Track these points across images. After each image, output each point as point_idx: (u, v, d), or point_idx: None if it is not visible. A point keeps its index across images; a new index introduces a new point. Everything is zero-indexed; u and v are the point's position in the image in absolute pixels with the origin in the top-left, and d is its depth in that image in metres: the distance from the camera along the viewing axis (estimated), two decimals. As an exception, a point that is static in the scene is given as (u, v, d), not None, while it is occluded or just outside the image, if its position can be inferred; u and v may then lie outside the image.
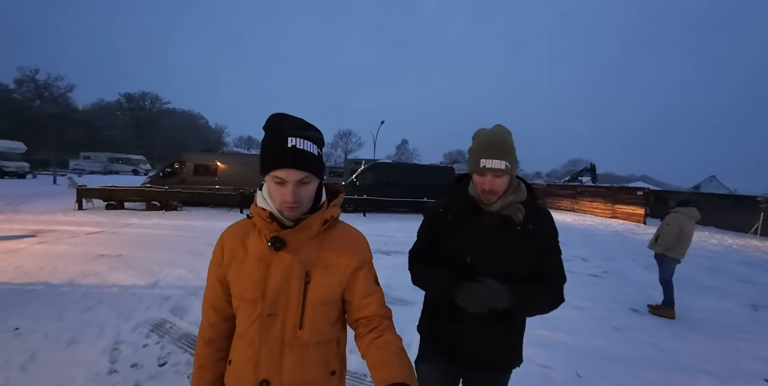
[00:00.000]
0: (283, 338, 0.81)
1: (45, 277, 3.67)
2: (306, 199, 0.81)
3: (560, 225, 5.15)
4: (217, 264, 0.87)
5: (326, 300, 0.84)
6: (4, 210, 8.48)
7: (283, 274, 0.81)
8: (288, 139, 0.76)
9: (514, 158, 1.08)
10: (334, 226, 0.90)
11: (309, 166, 0.77)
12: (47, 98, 41.92)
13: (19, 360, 2.15)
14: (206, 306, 0.90)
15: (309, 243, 0.84)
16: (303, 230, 0.82)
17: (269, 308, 0.80)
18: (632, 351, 2.92)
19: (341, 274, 0.86)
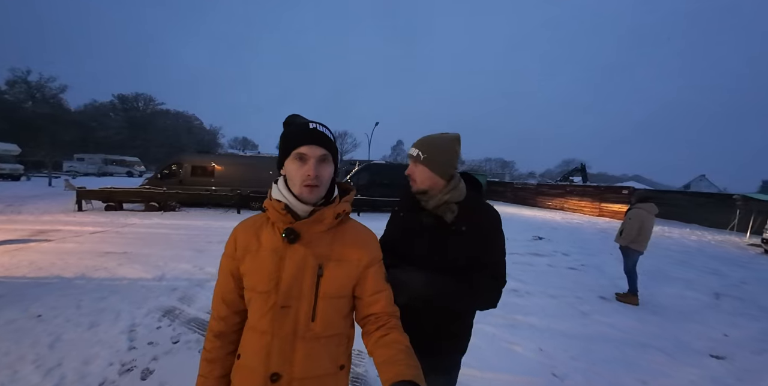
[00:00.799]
0: (295, 330, 0.82)
1: (58, 271, 3.95)
2: (325, 179, 0.84)
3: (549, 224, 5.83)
4: (230, 257, 0.89)
5: (338, 294, 0.86)
6: (4, 211, 8.65)
7: (296, 266, 0.83)
8: (309, 123, 0.86)
9: (438, 153, 1.11)
10: (345, 222, 0.93)
11: (328, 145, 0.84)
12: (39, 99, 41.57)
13: (47, 341, 2.44)
14: (217, 299, 0.91)
15: (322, 236, 0.87)
16: (316, 222, 0.85)
17: (282, 300, 0.82)
18: (592, 331, 3.28)
19: (353, 269, 0.88)
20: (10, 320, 2.72)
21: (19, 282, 3.56)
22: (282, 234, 0.84)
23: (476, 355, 2.63)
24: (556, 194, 19.11)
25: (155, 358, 2.30)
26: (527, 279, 4.92)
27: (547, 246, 7.69)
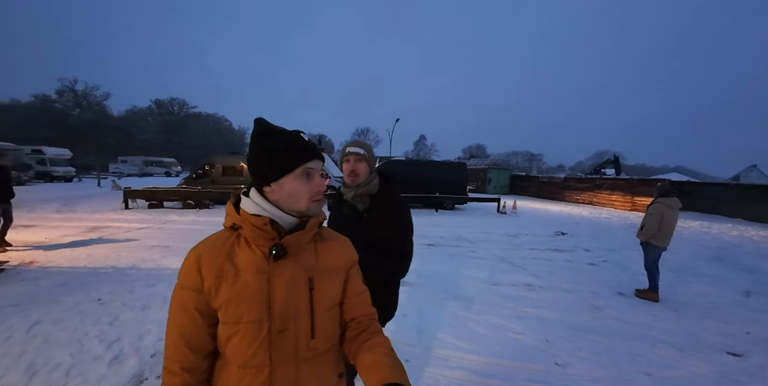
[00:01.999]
0: (297, 352, 0.77)
1: (112, 263, 4.50)
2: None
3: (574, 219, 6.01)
4: (193, 291, 0.74)
5: (332, 304, 0.84)
6: (61, 210, 9.68)
7: (287, 285, 0.76)
8: (301, 134, 0.81)
9: (371, 154, 1.41)
10: (323, 230, 0.92)
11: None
12: (85, 107, 45.12)
13: (107, 320, 2.88)
14: (176, 346, 0.74)
15: (307, 248, 0.83)
16: (307, 233, 0.81)
17: (279, 324, 0.75)
18: (602, 325, 3.34)
19: (341, 275, 0.87)
20: (75, 303, 3.20)
21: (79, 272, 4.12)
22: (271, 252, 0.76)
23: (480, 342, 2.81)
24: (584, 188, 18.43)
25: (196, 336, 2.66)
26: (543, 274, 4.97)
27: (569, 242, 7.59)
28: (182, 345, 0.74)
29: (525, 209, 14.26)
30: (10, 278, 3.79)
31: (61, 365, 2.21)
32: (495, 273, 4.84)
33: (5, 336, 2.52)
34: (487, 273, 4.85)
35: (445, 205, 12.87)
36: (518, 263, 5.54)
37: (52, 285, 3.62)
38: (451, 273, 4.73)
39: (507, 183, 24.62)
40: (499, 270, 5.06)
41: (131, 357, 2.34)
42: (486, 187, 24.12)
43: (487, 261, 5.57)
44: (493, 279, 4.59)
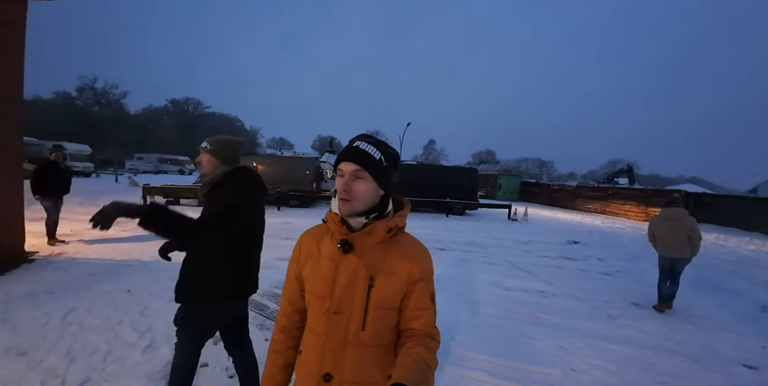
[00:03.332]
0: (346, 335, 0.87)
1: (137, 256, 4.68)
2: (359, 195, 0.87)
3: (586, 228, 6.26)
4: (295, 261, 0.99)
5: (387, 306, 0.88)
6: (84, 203, 10.00)
7: (349, 276, 0.88)
8: (356, 142, 0.91)
9: (219, 149, 1.60)
10: (399, 236, 0.95)
11: (363, 162, 0.86)
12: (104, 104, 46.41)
13: (137, 310, 3.02)
14: (283, 298, 1.03)
15: (375, 249, 0.90)
16: (368, 235, 0.89)
17: (335, 305, 0.87)
18: (616, 333, 3.35)
19: (402, 282, 0.89)
20: (106, 292, 3.36)
21: (107, 264, 4.29)
22: (338, 245, 0.89)
23: (496, 345, 2.86)
24: (596, 197, 18.23)
25: (221, 329, 2.78)
26: (555, 281, 4.98)
27: (581, 251, 7.56)
28: (285, 299, 1.02)
29: (536, 216, 14.18)
30: (42, 267, 3.98)
31: (98, 350, 2.34)
32: (507, 279, 4.87)
33: (43, 322, 2.67)
34: (498, 278, 4.88)
35: (456, 210, 12.89)
36: (530, 270, 5.55)
37: (83, 275, 3.79)
38: (463, 277, 4.78)
39: (517, 189, 24.47)
40: (510, 275, 5.09)
41: (163, 345, 2.46)
42: (496, 193, 24.02)
43: (499, 266, 5.61)
44: (505, 284, 4.63)
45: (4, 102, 3.90)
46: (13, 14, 4.05)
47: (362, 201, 0.88)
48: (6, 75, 3.94)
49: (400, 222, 0.94)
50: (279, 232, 7.30)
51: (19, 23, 4.13)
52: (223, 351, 1.96)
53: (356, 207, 0.87)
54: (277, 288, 3.82)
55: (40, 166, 4.94)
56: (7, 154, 3.99)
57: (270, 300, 3.48)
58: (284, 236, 6.89)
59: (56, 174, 5.05)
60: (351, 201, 0.86)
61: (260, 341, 2.65)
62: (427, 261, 0.95)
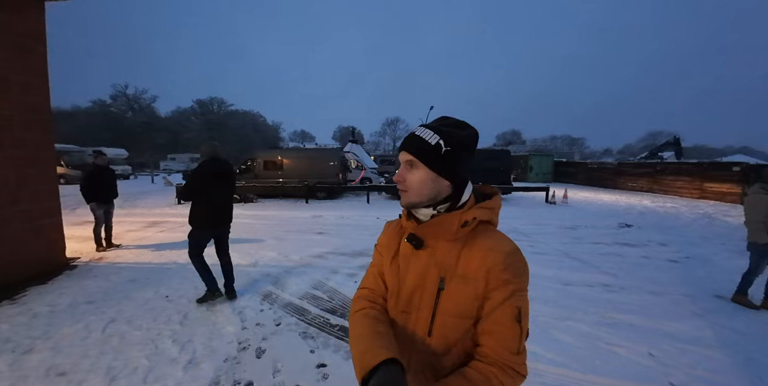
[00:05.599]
0: (413, 341, 0.80)
1: (174, 258, 4.63)
2: (413, 185, 0.79)
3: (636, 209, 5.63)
4: (378, 247, 0.96)
5: (459, 314, 0.75)
6: (123, 206, 10.37)
7: (417, 274, 0.80)
8: (417, 128, 0.82)
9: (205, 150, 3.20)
10: (483, 234, 0.79)
11: (416, 150, 0.77)
12: (137, 109, 48.58)
13: (177, 319, 2.88)
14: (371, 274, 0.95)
15: (449, 247, 0.78)
16: (435, 227, 0.79)
17: (402, 305, 0.82)
18: (708, 335, 2.84)
19: (479, 289, 0.73)
20: (145, 300, 3.27)
21: (145, 268, 4.26)
22: (405, 239, 0.84)
23: (572, 355, 2.47)
24: (642, 174, 16.79)
25: (265, 338, 2.57)
26: (618, 272, 4.44)
27: (638, 235, 6.84)
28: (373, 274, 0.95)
29: (575, 198, 13.25)
30: (84, 274, 3.99)
31: (138, 369, 2.19)
32: (563, 271, 4.40)
33: (83, 336, 2.58)
34: (553, 270, 4.42)
35: (489, 196, 12.26)
36: (586, 259, 5.02)
37: (123, 281, 3.75)
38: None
39: (550, 170, 23.14)
40: (566, 267, 4.60)
41: (205, 360, 2.28)
42: (527, 174, 22.86)
43: (551, 257, 5.11)
44: (563, 278, 4.16)
45: (32, 113, 3.84)
46: (32, 22, 3.92)
47: (417, 192, 0.79)
48: (32, 85, 3.86)
49: (480, 214, 0.79)
50: (310, 227, 7.14)
51: (39, 31, 4.01)
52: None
53: (411, 198, 0.80)
54: (316, 289, 3.59)
55: (89, 172, 4.95)
56: (42, 165, 3.97)
57: (310, 303, 3.26)
58: (316, 231, 6.71)
59: (104, 178, 5.06)
60: (406, 192, 0.81)
61: (304, 352, 2.42)
62: (517, 269, 0.74)
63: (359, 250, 5.14)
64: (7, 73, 3.53)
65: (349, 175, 14.67)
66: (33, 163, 3.81)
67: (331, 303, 3.23)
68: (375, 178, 16.30)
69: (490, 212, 0.81)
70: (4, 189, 3.46)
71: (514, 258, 0.74)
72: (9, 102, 3.56)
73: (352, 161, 16.69)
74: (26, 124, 3.73)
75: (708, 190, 13.46)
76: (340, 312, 3.04)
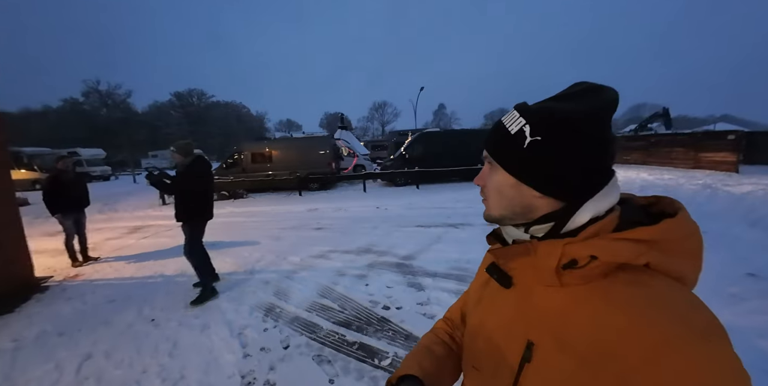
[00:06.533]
0: None
1: (159, 269, 4.16)
2: (490, 192, 0.54)
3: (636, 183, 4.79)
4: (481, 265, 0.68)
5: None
6: (103, 210, 9.70)
7: (499, 325, 0.54)
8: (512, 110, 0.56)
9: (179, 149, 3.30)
10: (628, 284, 0.43)
11: (492, 144, 0.53)
12: (111, 106, 46.24)
13: (165, 349, 2.45)
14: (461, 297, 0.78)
15: (552, 294, 0.48)
16: (521, 260, 0.50)
17: (474, 358, 0.58)
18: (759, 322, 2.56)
19: (599, 373, 0.40)
20: (127, 325, 2.82)
21: (127, 284, 3.79)
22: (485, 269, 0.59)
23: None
24: (636, 147, 16.68)
25: (272, 367, 2.18)
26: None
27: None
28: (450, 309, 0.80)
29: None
30: (55, 297, 3.49)
31: (120, 421, 1.78)
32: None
33: (53, 380, 2.14)
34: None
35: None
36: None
37: (101, 303, 3.28)
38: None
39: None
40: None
41: (201, 405, 1.88)
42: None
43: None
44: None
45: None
46: None
47: (495, 202, 0.53)
48: None
49: (611, 250, 0.42)
50: (307, 222, 6.70)
51: None
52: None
53: (488, 209, 0.55)
54: (323, 296, 3.20)
55: (50, 180, 4.34)
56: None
57: (319, 315, 2.85)
58: (314, 226, 6.27)
59: (69, 185, 4.45)
60: (485, 200, 0.56)
61: (322, 382, 2.03)
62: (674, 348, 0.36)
63: (364, 246, 4.74)
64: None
65: (341, 163, 14.14)
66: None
67: (344, 314, 2.84)
68: (368, 165, 15.79)
69: (642, 247, 0.43)
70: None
71: (691, 350, 0.36)
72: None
73: (344, 148, 16.11)
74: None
75: (702, 160, 13.39)
76: (355, 326, 2.65)
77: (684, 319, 0.38)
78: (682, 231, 0.44)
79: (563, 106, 0.47)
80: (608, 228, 0.45)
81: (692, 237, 0.44)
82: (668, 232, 0.43)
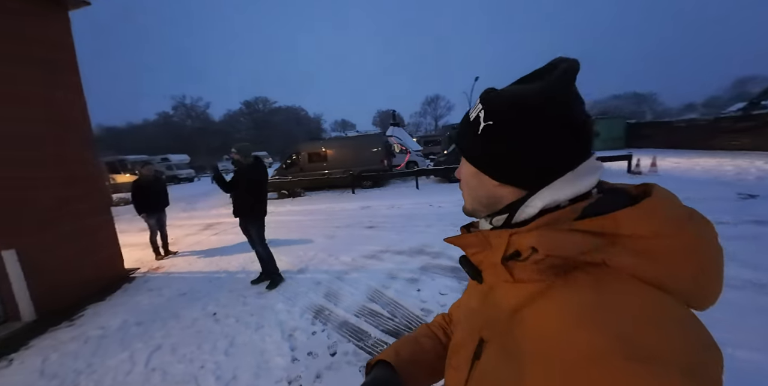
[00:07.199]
0: None
1: (224, 265, 4.45)
2: (461, 183, 0.53)
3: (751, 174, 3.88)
4: None
5: None
6: (186, 208, 10.94)
7: (466, 321, 0.54)
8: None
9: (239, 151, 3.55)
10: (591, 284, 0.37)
11: (458, 132, 0.52)
12: (194, 117, 52.66)
13: (223, 346, 2.54)
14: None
15: (509, 290, 0.44)
16: (479, 251, 0.47)
17: (450, 354, 0.56)
18: None
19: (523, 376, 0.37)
20: (193, 320, 3.01)
21: (196, 278, 4.10)
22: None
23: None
24: (745, 129, 13.73)
25: (318, 375, 2.10)
26: (765, 262, 3.27)
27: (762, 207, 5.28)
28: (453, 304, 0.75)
29: (663, 166, 11.18)
30: (139, 287, 3.93)
31: (177, 418, 1.84)
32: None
33: (126, 370, 2.34)
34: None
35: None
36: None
37: (174, 295, 3.59)
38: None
39: (622, 135, 20.21)
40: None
41: (249, 411, 1.87)
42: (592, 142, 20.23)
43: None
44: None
45: (67, 129, 3.70)
46: (58, 34, 3.74)
47: (465, 193, 0.53)
48: (63, 101, 3.70)
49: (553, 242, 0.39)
50: (359, 220, 6.69)
51: (66, 44, 3.83)
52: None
53: (465, 202, 0.54)
54: (373, 300, 3.07)
55: (134, 184, 4.98)
56: (88, 183, 3.89)
57: (368, 322, 2.72)
58: (366, 224, 6.23)
59: (150, 188, 5.05)
60: (463, 191, 0.54)
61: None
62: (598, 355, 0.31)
63: (417, 247, 4.53)
64: (34, 88, 3.39)
65: (393, 160, 14.06)
66: (76, 179, 3.73)
67: (393, 322, 2.67)
68: (421, 161, 15.46)
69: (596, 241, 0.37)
70: (50, 210, 3.40)
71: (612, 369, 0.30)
72: (35, 120, 3.41)
73: (396, 145, 15.99)
74: (60, 140, 3.61)
75: None
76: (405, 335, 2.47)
77: (624, 336, 0.31)
78: (652, 223, 0.37)
79: (517, 87, 0.45)
80: (567, 218, 0.40)
81: (680, 234, 0.37)
82: (628, 222, 0.37)
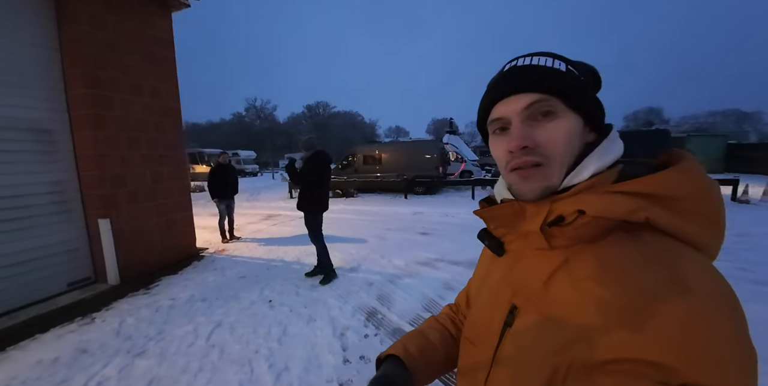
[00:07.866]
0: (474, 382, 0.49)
1: (282, 254, 4.59)
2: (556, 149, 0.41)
3: None
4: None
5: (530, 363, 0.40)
6: (249, 199, 11.75)
7: (489, 293, 0.51)
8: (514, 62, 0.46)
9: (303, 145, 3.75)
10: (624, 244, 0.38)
11: (543, 81, 0.41)
12: (263, 118, 57.38)
13: (276, 333, 2.53)
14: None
15: (538, 258, 0.44)
16: (510, 221, 0.46)
17: (469, 330, 0.54)
18: None
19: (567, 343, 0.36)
20: (250, 302, 3.08)
21: (255, 263, 4.27)
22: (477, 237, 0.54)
23: None
24: None
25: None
26: None
27: None
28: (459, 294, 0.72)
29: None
30: (206, 266, 4.19)
31: (230, 399, 1.83)
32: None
33: (189, 342, 2.43)
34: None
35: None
36: None
37: (235, 277, 3.75)
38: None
39: (720, 156, 17.39)
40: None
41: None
42: (682, 163, 17.66)
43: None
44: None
45: (164, 116, 4.13)
46: (162, 32, 4.20)
47: (562, 160, 0.41)
48: (163, 90, 4.14)
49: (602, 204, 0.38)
50: (412, 224, 6.52)
51: (168, 40, 4.29)
52: None
53: (553, 176, 0.42)
54: (428, 310, 2.87)
55: (213, 170, 5.41)
56: (175, 166, 4.29)
57: (424, 329, 2.54)
58: (419, 230, 6.03)
59: (226, 175, 5.44)
60: (542, 166, 0.41)
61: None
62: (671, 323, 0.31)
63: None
64: (140, 79, 3.82)
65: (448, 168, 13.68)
66: (166, 161, 4.13)
67: (452, 335, 2.45)
68: (476, 171, 14.84)
69: (639, 201, 0.37)
70: (141, 186, 3.78)
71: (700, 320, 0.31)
72: (143, 105, 3.85)
73: (452, 153, 15.59)
74: (159, 125, 4.04)
75: None
76: (466, 352, 2.24)
77: (679, 278, 0.33)
78: (688, 185, 0.37)
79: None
80: (606, 182, 0.40)
81: (707, 196, 0.38)
82: (669, 183, 0.37)
